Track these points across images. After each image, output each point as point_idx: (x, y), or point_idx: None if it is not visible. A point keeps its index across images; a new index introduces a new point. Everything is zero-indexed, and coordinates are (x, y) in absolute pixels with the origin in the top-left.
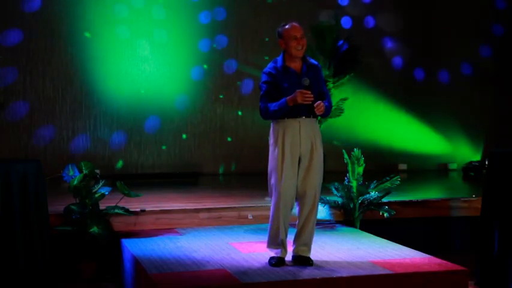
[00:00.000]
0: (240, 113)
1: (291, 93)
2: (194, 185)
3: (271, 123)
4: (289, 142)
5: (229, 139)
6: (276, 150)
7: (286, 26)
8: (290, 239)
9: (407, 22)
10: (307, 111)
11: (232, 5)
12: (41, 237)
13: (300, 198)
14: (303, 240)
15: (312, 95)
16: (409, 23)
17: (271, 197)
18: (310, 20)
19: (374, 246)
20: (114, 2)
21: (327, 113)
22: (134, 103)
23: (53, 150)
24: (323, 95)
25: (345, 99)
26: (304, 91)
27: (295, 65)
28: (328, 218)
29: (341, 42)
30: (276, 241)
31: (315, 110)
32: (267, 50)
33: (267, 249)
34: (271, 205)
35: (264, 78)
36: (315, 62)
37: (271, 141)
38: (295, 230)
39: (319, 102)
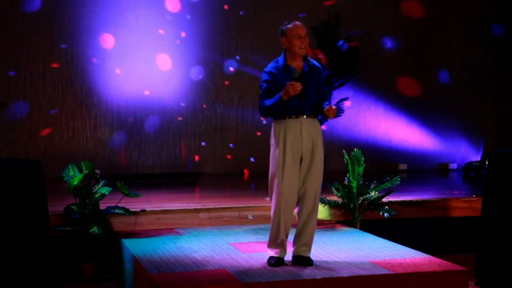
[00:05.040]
0: (239, 113)
1: None
2: (194, 185)
3: (273, 123)
4: (291, 142)
5: (229, 139)
6: (278, 150)
7: (290, 25)
8: (290, 239)
9: (407, 22)
10: (308, 110)
11: (232, 5)
12: (41, 237)
13: (300, 198)
14: (304, 241)
15: (301, 85)
16: (410, 22)
17: (271, 197)
18: (310, 20)
19: (374, 246)
20: (115, 4)
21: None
22: (134, 103)
23: (53, 150)
24: (323, 94)
25: (345, 99)
26: (294, 83)
27: (297, 64)
28: (328, 218)
29: (341, 42)
30: (276, 241)
31: (328, 114)
32: (267, 50)
33: (267, 249)
34: (272, 205)
35: (264, 77)
36: (317, 63)
37: (272, 141)
38: (295, 230)
39: (330, 106)
